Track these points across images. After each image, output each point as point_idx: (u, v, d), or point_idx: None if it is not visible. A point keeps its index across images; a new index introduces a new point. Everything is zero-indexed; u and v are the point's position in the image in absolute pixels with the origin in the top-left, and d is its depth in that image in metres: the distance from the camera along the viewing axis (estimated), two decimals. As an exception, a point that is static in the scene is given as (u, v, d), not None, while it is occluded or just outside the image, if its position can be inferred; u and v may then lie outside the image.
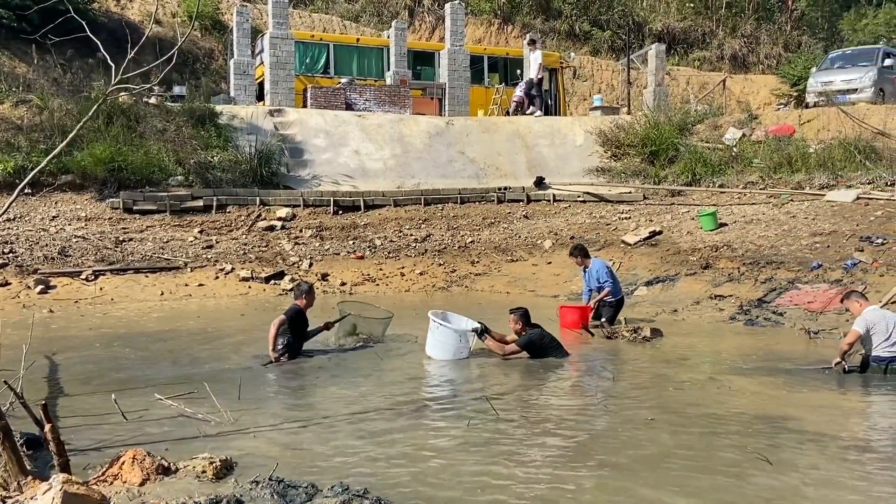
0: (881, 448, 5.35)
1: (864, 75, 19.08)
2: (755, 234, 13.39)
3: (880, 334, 7.43)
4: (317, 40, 22.85)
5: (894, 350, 7.40)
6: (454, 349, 8.33)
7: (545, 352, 8.27)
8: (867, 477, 4.77)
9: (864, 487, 4.60)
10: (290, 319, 8.25)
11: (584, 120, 21.69)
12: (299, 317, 8.42)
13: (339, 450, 5.19)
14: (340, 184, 17.37)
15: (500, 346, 8.37)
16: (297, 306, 8.47)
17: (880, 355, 7.46)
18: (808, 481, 4.67)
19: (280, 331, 8.14)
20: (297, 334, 8.39)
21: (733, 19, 36.23)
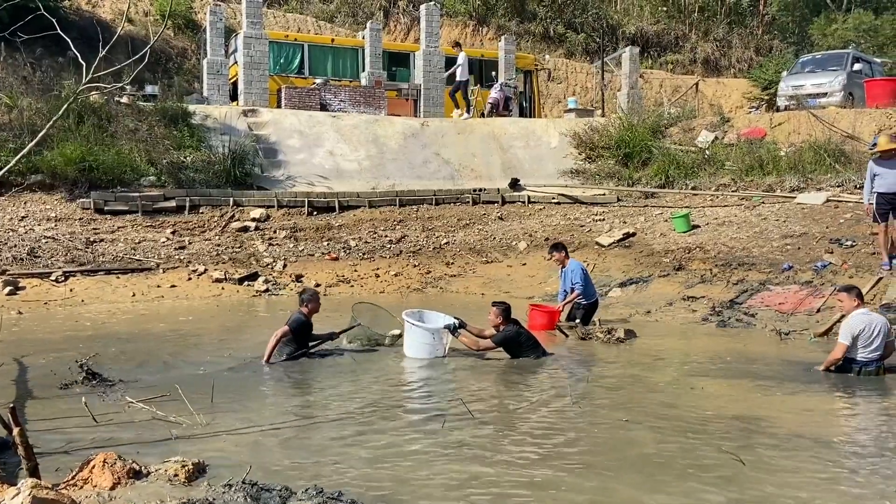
0: (852, 448, 5.42)
1: (833, 79, 19.37)
2: (727, 235, 13.53)
3: (863, 339, 7.51)
4: (291, 40, 22.73)
5: (871, 355, 7.51)
6: (430, 348, 8.32)
7: (521, 351, 8.28)
8: (839, 477, 4.83)
9: (836, 487, 4.66)
10: (293, 331, 8.06)
11: (559, 122, 21.80)
12: (303, 327, 8.21)
13: (314, 452, 5.16)
14: (315, 185, 17.29)
15: (474, 342, 8.36)
16: (300, 316, 8.21)
17: (856, 359, 7.56)
18: (781, 482, 4.72)
19: (282, 342, 8.00)
20: (301, 344, 8.22)
21: (706, 23, 36.62)
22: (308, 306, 8.30)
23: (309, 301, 8.33)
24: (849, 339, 7.52)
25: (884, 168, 10.89)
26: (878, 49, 27.63)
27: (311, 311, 8.32)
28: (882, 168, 10.91)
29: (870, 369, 7.50)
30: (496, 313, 8.36)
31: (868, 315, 7.70)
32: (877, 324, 7.55)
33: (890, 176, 10.81)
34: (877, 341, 7.48)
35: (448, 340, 8.45)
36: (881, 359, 7.53)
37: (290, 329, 8.05)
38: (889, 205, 10.76)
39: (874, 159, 11.22)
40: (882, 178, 10.86)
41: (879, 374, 7.52)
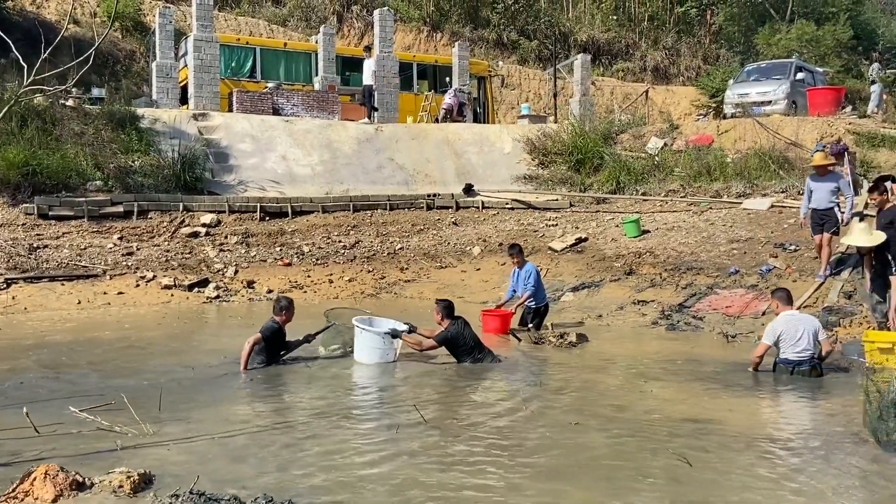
0: (797, 449, 5.55)
1: (777, 88, 19.86)
2: (676, 240, 13.76)
3: (788, 340, 7.77)
4: (243, 44, 22.48)
5: (801, 354, 7.72)
6: (380, 352, 8.32)
7: (464, 351, 8.29)
8: (785, 477, 4.94)
9: (781, 487, 4.77)
10: (265, 339, 7.98)
11: (512, 128, 21.94)
12: (276, 335, 8.14)
13: (264, 460, 5.10)
14: (267, 189, 17.11)
15: (418, 342, 8.40)
16: (274, 324, 8.14)
17: (788, 358, 7.80)
18: (727, 482, 4.82)
19: (255, 350, 7.92)
20: (274, 353, 8.16)
21: (655, 32, 37.29)
22: (283, 315, 8.24)
23: (284, 310, 8.26)
24: (770, 339, 7.84)
25: (817, 184, 11.05)
26: (819, 59, 28.42)
27: (284, 320, 8.26)
28: (815, 184, 11.07)
29: (803, 368, 7.72)
30: (437, 310, 8.44)
31: (793, 316, 7.98)
32: (802, 324, 7.81)
33: (821, 191, 10.96)
34: (804, 341, 7.72)
35: (399, 345, 8.44)
36: (814, 358, 7.76)
37: (262, 336, 7.98)
38: (820, 220, 10.91)
39: (810, 175, 11.43)
40: (815, 194, 11.04)
41: (814, 374, 7.74)
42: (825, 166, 11.17)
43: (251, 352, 7.91)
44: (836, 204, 10.92)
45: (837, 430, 5.95)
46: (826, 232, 10.81)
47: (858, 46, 33.09)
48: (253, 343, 7.91)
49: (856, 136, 16.61)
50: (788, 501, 4.53)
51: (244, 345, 7.94)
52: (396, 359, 8.41)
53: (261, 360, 8.01)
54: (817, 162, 11.30)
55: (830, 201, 10.90)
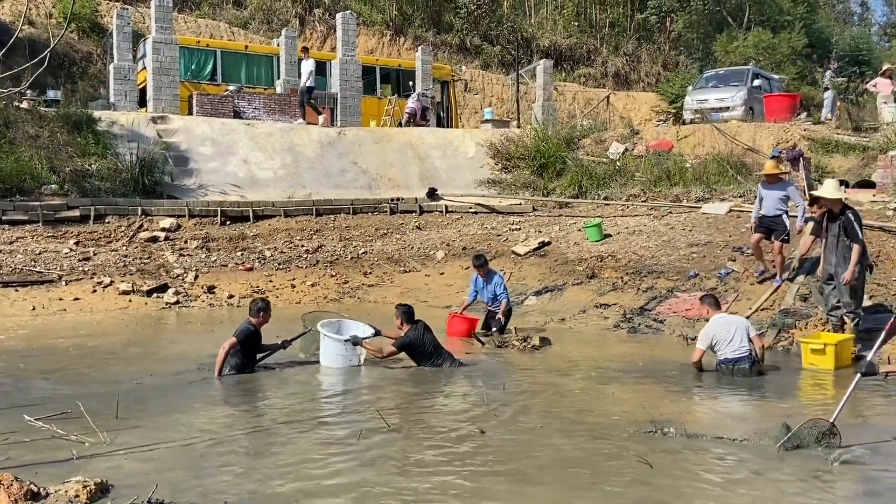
0: (755, 449, 5.63)
1: (735, 94, 20.21)
2: (637, 244, 13.91)
3: (723, 341, 8.01)
4: (203, 46, 22.24)
5: (739, 352, 7.95)
6: (343, 357, 8.29)
7: (423, 356, 8.29)
8: (744, 478, 5.02)
9: (740, 488, 4.84)
10: (241, 343, 7.86)
11: (476, 132, 22.01)
12: (251, 338, 8.00)
13: (225, 467, 5.04)
14: (228, 193, 16.92)
15: (378, 349, 8.39)
16: (249, 326, 7.99)
17: (727, 357, 8.01)
18: (686, 484, 4.87)
19: (230, 353, 7.80)
20: (249, 356, 8.04)
21: (616, 38, 37.76)
22: (260, 316, 8.08)
23: (261, 311, 8.10)
24: (704, 343, 8.12)
25: (767, 191, 11.19)
26: (775, 66, 28.99)
27: (260, 322, 8.11)
28: (766, 191, 11.22)
29: (743, 366, 7.94)
30: (397, 314, 8.45)
31: (724, 318, 8.26)
32: (733, 325, 8.08)
33: (770, 199, 11.11)
34: (737, 341, 7.97)
35: (363, 351, 8.41)
36: (752, 355, 7.98)
37: (237, 340, 7.86)
38: (768, 226, 11.05)
39: (761, 182, 11.58)
40: (764, 201, 11.18)
41: (755, 372, 7.96)
42: (776, 174, 11.33)
43: (225, 357, 7.78)
44: (785, 211, 11.05)
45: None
46: (776, 239, 10.97)
47: (813, 54, 33.84)
48: (228, 348, 7.80)
49: (810, 142, 16.97)
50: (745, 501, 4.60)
51: (219, 350, 7.83)
52: (362, 363, 8.38)
53: (234, 363, 7.88)
54: (768, 170, 11.46)
55: (778, 209, 11.03)
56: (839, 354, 8.35)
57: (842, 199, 9.20)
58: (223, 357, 7.77)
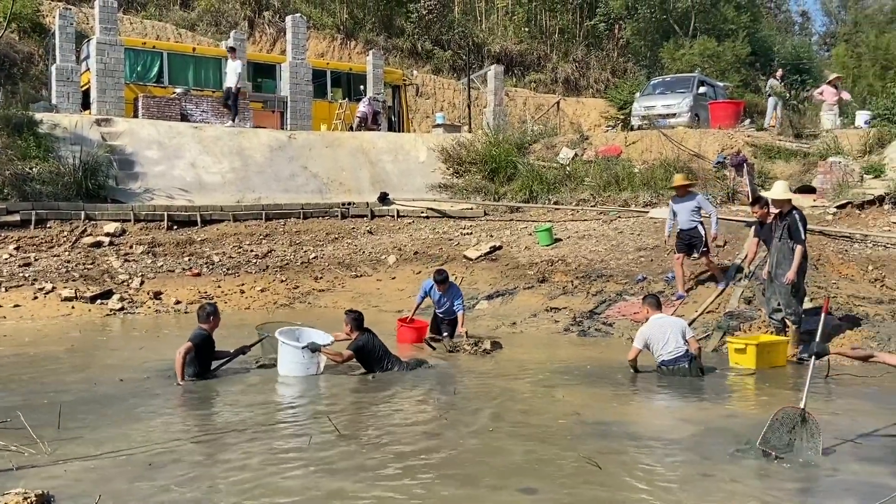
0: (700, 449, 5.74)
1: (681, 101, 20.60)
2: (587, 248, 14.07)
3: (658, 342, 8.18)
4: (149, 48, 21.84)
5: (673, 353, 8.14)
6: (302, 366, 8.20)
7: (374, 361, 8.28)
8: (690, 478, 5.11)
9: (687, 488, 4.92)
10: (196, 347, 7.76)
11: (427, 137, 22.03)
12: (205, 343, 7.93)
13: (171, 477, 4.94)
14: (175, 198, 16.63)
15: (337, 354, 8.33)
16: (202, 331, 7.93)
17: (665, 359, 8.20)
18: (633, 484, 4.94)
19: (188, 359, 7.70)
20: (204, 362, 7.95)
21: (566, 45, 38.19)
22: (210, 322, 8.05)
23: (210, 316, 8.07)
24: (640, 343, 8.29)
25: (678, 205, 11.33)
26: (720, 73, 29.64)
27: (211, 327, 8.07)
28: (677, 205, 11.36)
29: (680, 366, 8.12)
30: (346, 321, 8.42)
31: (660, 319, 8.42)
32: (668, 326, 8.26)
33: (683, 212, 11.24)
34: (672, 342, 8.15)
35: (323, 358, 8.34)
36: (688, 355, 8.16)
37: (193, 345, 7.78)
38: (688, 241, 11.20)
39: (672, 197, 11.70)
40: (678, 215, 11.31)
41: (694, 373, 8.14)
42: (684, 187, 11.45)
43: (184, 362, 7.71)
44: (700, 222, 11.20)
45: (735, 431, 6.18)
46: (702, 256, 11.18)
47: (756, 62, 34.69)
48: (185, 352, 7.72)
49: (754, 148, 17.39)
50: (693, 501, 4.68)
51: (176, 356, 7.74)
52: (321, 371, 8.31)
53: (191, 371, 7.81)
54: (677, 182, 11.60)
55: (692, 220, 11.19)
56: (761, 355, 8.61)
57: (790, 199, 9.44)
58: (182, 362, 7.70)
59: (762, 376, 8.38)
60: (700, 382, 8.03)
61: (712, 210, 11.53)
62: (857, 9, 51.04)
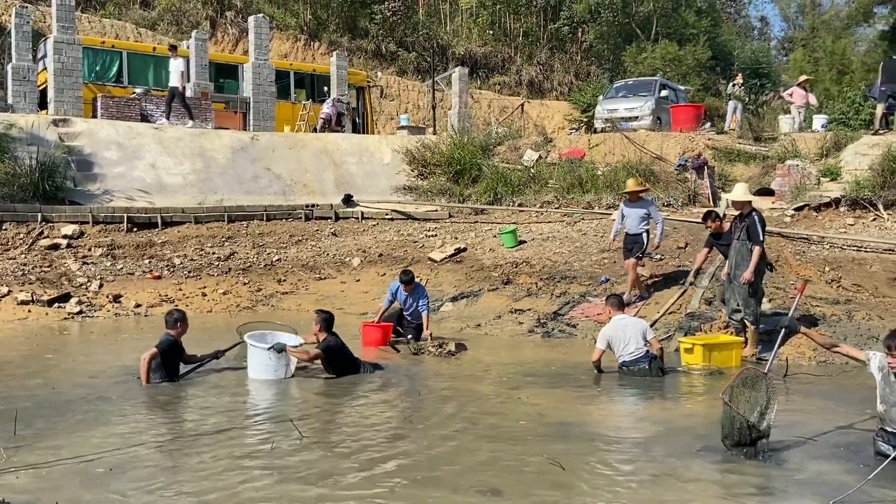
0: (665, 449, 5.80)
1: (643, 104, 20.84)
2: (551, 250, 14.14)
3: (619, 343, 8.28)
4: (108, 47, 21.47)
5: (634, 353, 8.23)
6: (269, 369, 8.13)
7: (342, 362, 8.25)
8: (654, 477, 5.15)
9: (650, 487, 4.97)
10: (161, 353, 7.70)
11: (392, 139, 21.98)
12: (172, 349, 7.87)
13: (130, 484, 4.85)
14: (135, 199, 16.36)
15: (304, 352, 8.27)
16: (169, 337, 7.87)
17: (625, 360, 8.29)
18: (597, 484, 4.98)
19: (153, 365, 7.65)
20: (171, 368, 7.88)
21: (530, 47, 38.39)
22: (178, 328, 7.98)
23: (178, 322, 8.01)
24: (602, 343, 8.37)
25: (629, 209, 11.37)
26: (681, 77, 30.07)
27: (179, 333, 8.01)
28: (628, 209, 11.40)
29: (641, 366, 8.22)
30: (316, 320, 8.38)
31: (621, 320, 8.50)
32: (629, 327, 8.36)
33: (633, 217, 11.30)
34: (632, 343, 8.25)
35: (292, 361, 8.29)
36: (649, 356, 8.27)
37: (158, 350, 7.71)
38: (630, 244, 11.27)
39: (624, 201, 11.73)
40: (627, 219, 11.38)
41: (655, 372, 8.25)
42: (637, 192, 11.51)
43: (150, 367, 7.65)
44: (647, 230, 11.27)
45: (698, 430, 6.26)
46: (632, 257, 11.20)
47: (716, 66, 35.26)
48: (149, 358, 7.65)
49: (714, 151, 17.66)
50: (655, 500, 4.73)
51: (141, 360, 7.67)
52: (291, 374, 8.24)
53: (160, 375, 7.75)
54: (630, 188, 11.65)
55: (640, 227, 11.24)
56: (708, 354, 8.76)
57: (750, 201, 9.58)
58: (147, 367, 7.65)
59: (721, 376, 8.49)
60: (661, 383, 8.14)
61: (660, 219, 11.55)
62: (815, 14, 52.12)
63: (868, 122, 19.44)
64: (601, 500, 4.69)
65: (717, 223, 10.11)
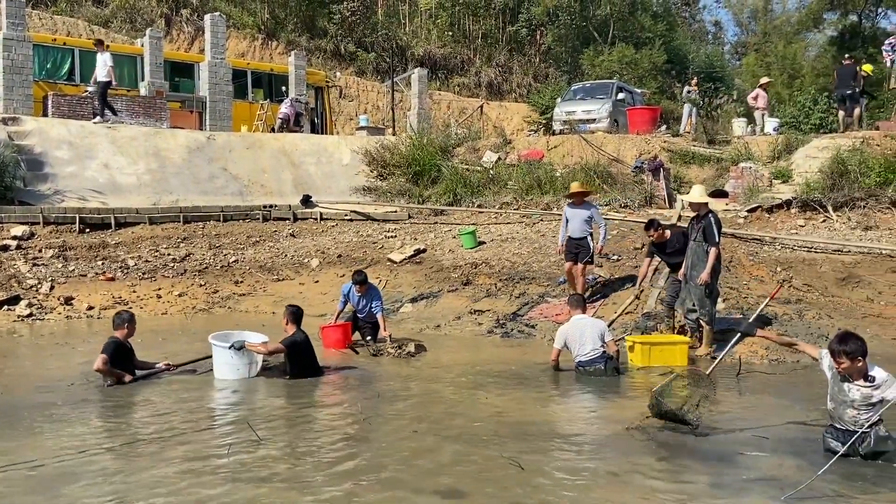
0: (622, 448, 5.87)
1: (601, 107, 21.05)
2: (510, 251, 14.21)
3: (575, 343, 8.39)
4: (60, 44, 21.01)
5: (589, 354, 8.35)
6: (232, 368, 8.07)
7: (304, 361, 8.22)
8: (613, 476, 5.21)
9: (608, 486, 5.01)
10: (109, 357, 7.62)
11: (351, 139, 21.89)
12: (118, 351, 7.77)
13: (81, 489, 4.75)
14: (88, 200, 16.03)
15: (262, 347, 8.22)
16: (115, 339, 7.80)
17: (582, 360, 8.40)
18: (555, 483, 5.01)
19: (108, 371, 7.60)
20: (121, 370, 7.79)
21: (489, 49, 38.56)
22: (124, 329, 7.91)
23: (125, 323, 7.95)
24: (559, 343, 8.51)
25: (573, 211, 11.30)
26: (638, 80, 30.46)
27: (125, 335, 7.93)
28: (571, 211, 11.32)
29: (597, 366, 8.33)
30: (285, 315, 8.38)
31: (580, 320, 8.61)
32: (586, 327, 8.47)
33: (576, 220, 11.23)
34: (589, 343, 8.36)
35: (257, 360, 8.23)
36: (605, 356, 8.39)
37: (106, 355, 7.63)
38: (576, 248, 11.21)
39: (567, 204, 11.62)
40: (571, 223, 11.29)
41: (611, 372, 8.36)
42: (581, 194, 11.45)
43: (106, 370, 7.62)
44: (590, 233, 11.28)
45: (655, 429, 6.34)
46: (580, 262, 11.14)
47: (672, 70, 35.82)
48: (101, 365, 7.59)
49: (670, 154, 17.91)
50: (612, 499, 4.78)
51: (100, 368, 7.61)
52: (255, 374, 8.19)
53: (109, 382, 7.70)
54: (573, 190, 11.61)
55: (584, 230, 11.20)
56: (649, 353, 8.93)
57: (707, 202, 9.73)
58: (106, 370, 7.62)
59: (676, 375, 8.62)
60: (617, 382, 8.22)
61: (602, 223, 11.54)
62: (767, 20, 53.30)
63: (819, 125, 19.92)
64: (561, 499, 4.72)
65: (660, 232, 10.08)
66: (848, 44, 40.39)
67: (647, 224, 10.34)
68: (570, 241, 11.27)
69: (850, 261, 12.31)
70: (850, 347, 5.24)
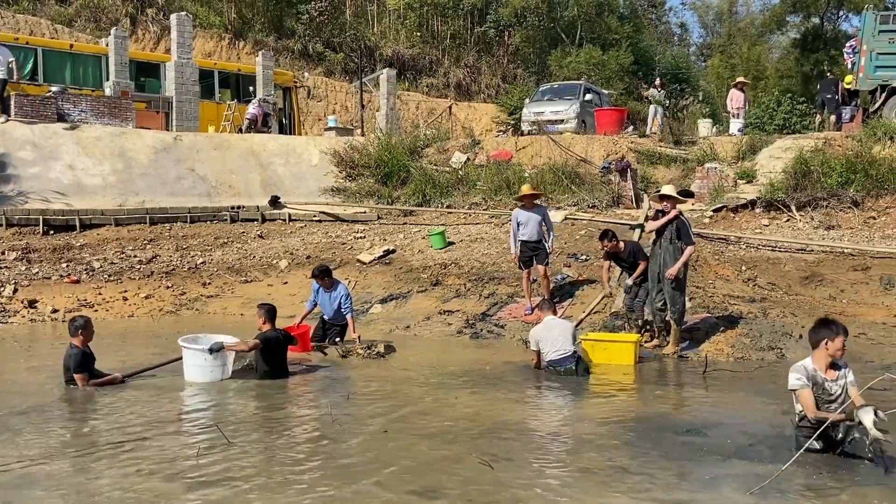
0: (594, 446, 5.93)
1: (569, 108, 21.17)
2: (479, 251, 14.26)
3: (548, 343, 8.50)
4: (22, 43, 20.64)
5: (561, 353, 8.46)
6: (204, 371, 8.00)
7: (276, 359, 8.22)
8: (585, 475, 5.26)
9: (580, 484, 5.07)
10: (82, 369, 7.56)
11: (319, 140, 21.79)
12: (84, 360, 7.64)
13: (42, 496, 4.69)
14: (52, 201, 15.79)
15: (241, 345, 8.18)
16: (74, 349, 7.64)
17: (552, 359, 8.50)
18: (527, 483, 5.05)
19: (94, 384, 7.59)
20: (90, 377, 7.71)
21: (457, 50, 38.62)
22: (80, 335, 7.71)
23: (80, 329, 7.73)
24: (534, 345, 8.63)
25: (527, 214, 11.21)
26: (605, 81, 30.71)
27: (83, 341, 7.73)
28: (525, 214, 11.22)
29: (568, 366, 8.44)
30: (259, 313, 8.39)
31: (551, 321, 8.74)
32: (557, 329, 8.62)
33: (532, 223, 11.17)
34: (559, 343, 8.49)
35: (229, 362, 8.18)
36: (575, 356, 8.52)
37: (82, 374, 7.58)
38: (532, 252, 11.19)
39: (518, 207, 11.48)
40: (524, 227, 11.20)
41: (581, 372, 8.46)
42: (532, 197, 11.38)
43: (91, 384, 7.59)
44: (544, 236, 11.26)
45: (626, 426, 6.43)
46: (540, 264, 11.13)
47: (638, 71, 36.17)
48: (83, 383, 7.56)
49: (637, 154, 18.11)
50: (585, 495, 4.83)
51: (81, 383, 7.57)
52: (227, 376, 8.14)
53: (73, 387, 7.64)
54: (525, 192, 11.51)
55: (539, 233, 11.15)
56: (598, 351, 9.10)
57: (675, 197, 9.84)
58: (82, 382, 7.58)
59: (642, 374, 8.75)
60: (587, 381, 8.32)
61: (552, 226, 11.52)
62: (731, 22, 54.11)
63: (782, 126, 20.28)
64: (533, 497, 4.76)
65: (613, 243, 10.13)
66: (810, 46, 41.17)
67: (602, 234, 10.35)
68: (526, 245, 11.16)
69: (813, 260, 12.56)
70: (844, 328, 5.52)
